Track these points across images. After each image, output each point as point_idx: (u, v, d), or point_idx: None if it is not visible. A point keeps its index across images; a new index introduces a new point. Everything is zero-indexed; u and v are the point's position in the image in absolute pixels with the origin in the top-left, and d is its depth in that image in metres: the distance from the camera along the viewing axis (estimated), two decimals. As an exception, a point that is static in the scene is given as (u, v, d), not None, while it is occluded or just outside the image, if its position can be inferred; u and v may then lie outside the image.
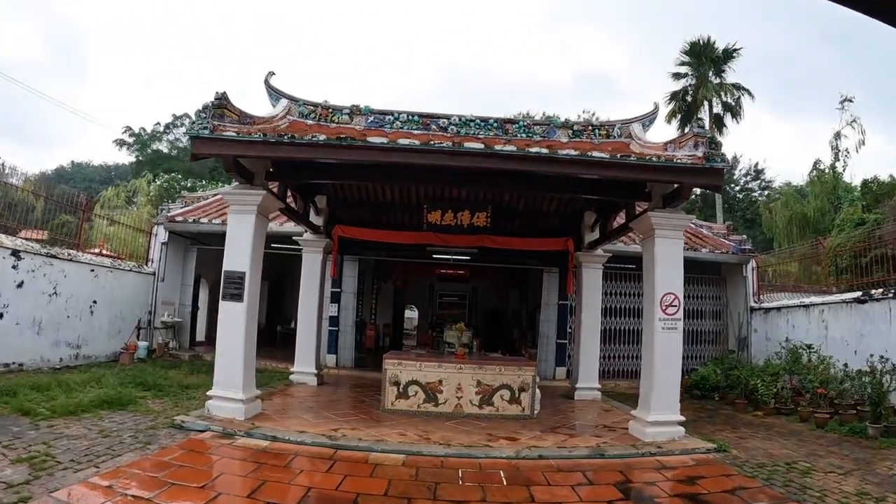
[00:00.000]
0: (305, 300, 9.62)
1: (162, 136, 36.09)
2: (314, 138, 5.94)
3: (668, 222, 6.73)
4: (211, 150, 6.38)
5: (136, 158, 35.21)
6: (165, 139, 36.28)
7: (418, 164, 5.89)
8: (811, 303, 11.41)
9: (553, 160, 5.78)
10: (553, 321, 12.04)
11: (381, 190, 9.63)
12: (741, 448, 6.68)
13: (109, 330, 11.76)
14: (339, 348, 11.77)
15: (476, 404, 7.05)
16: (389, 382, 7.09)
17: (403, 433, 6.03)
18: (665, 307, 6.59)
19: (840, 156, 22.38)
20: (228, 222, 6.91)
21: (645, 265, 7.07)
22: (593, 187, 7.29)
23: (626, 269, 12.31)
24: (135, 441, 5.63)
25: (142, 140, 35.17)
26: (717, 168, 6.30)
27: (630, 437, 6.57)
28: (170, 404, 7.57)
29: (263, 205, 6.76)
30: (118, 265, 12.35)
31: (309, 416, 6.78)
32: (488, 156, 5.67)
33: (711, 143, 6.43)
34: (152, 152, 34.94)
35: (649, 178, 6.44)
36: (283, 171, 7.19)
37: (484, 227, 9.57)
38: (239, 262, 6.59)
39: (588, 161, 5.90)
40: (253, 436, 5.82)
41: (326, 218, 9.80)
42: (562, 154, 5.78)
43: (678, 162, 6.44)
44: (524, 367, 7.31)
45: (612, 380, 11.59)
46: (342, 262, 11.89)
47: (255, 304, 6.73)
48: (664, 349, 6.53)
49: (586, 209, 9.81)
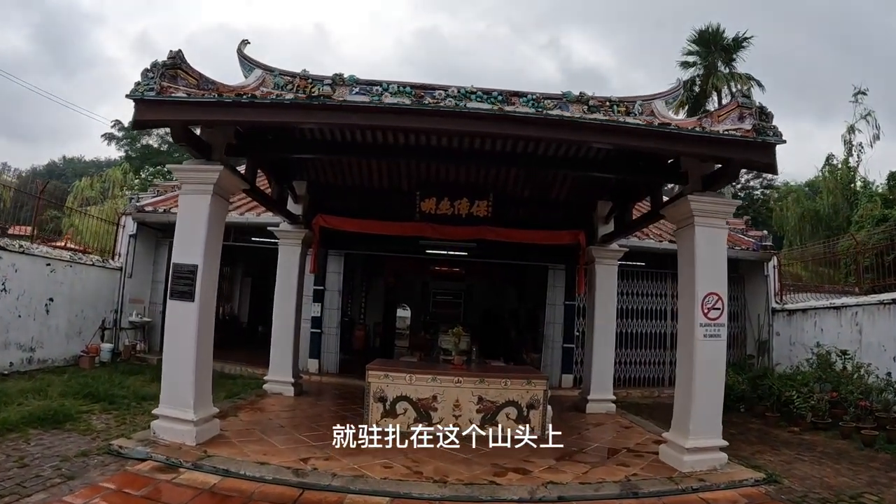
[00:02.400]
0: (281, 299, 8.45)
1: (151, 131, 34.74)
2: (279, 98, 4.79)
3: (710, 208, 5.62)
4: (157, 114, 5.22)
5: (126, 153, 33.92)
6: (155, 133, 34.83)
7: (410, 128, 4.74)
8: (843, 304, 10.38)
9: (578, 125, 4.66)
10: (559, 323, 10.92)
11: (367, 173, 8.47)
12: (792, 476, 5.65)
13: (68, 331, 10.60)
14: (322, 352, 10.59)
15: (477, 424, 5.89)
16: (374, 398, 5.92)
17: (389, 464, 4.88)
18: (707, 310, 5.48)
19: (853, 150, 21.39)
20: (179, 204, 5.76)
21: (681, 260, 5.96)
22: (618, 166, 6.20)
23: (637, 266, 11.24)
24: (55, 474, 4.52)
25: (131, 135, 33.84)
26: (771, 143, 5.21)
27: (663, 465, 5.46)
28: (117, 421, 6.45)
29: (222, 184, 5.59)
30: (79, 259, 11.15)
31: (277, 438, 5.61)
32: (497, 119, 4.54)
33: (762, 114, 5.35)
34: (142, 147, 33.64)
35: (692, 151, 5.33)
36: (248, 145, 6.02)
37: (485, 217, 8.43)
38: (190, 252, 5.42)
39: (620, 128, 4.81)
40: (202, 468, 4.67)
41: (306, 206, 8.63)
42: (588, 119, 4.65)
43: (726, 133, 5.36)
44: (534, 381, 6.16)
45: (623, 388, 10.48)
46: (326, 257, 10.75)
47: (210, 303, 5.56)
48: (705, 361, 5.41)
49: (600, 198, 8.71)
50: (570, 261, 10.72)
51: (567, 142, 4.92)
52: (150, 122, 5.34)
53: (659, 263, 11.45)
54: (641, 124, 4.87)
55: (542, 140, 4.92)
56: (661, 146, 5.15)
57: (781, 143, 5.27)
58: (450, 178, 8.35)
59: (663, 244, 11.14)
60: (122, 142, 34.54)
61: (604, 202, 8.69)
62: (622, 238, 8.67)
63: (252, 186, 6.43)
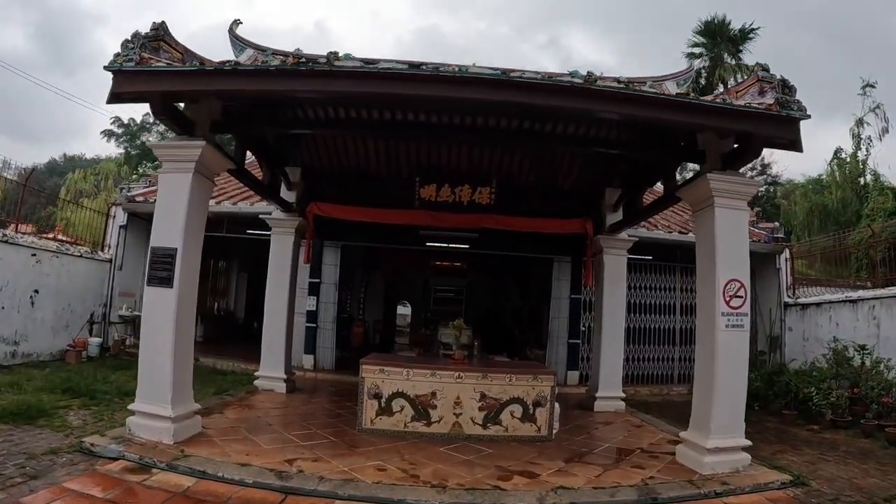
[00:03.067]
0: (273, 291, 8.02)
1: (151, 128, 34.25)
2: (265, 65, 4.37)
3: (730, 187, 5.18)
4: (136, 86, 4.82)
5: (126, 150, 33.52)
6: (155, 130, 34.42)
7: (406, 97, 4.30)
8: (859, 297, 9.96)
9: (592, 94, 4.22)
10: (564, 318, 10.46)
11: (363, 158, 8.03)
12: (819, 478, 5.24)
13: (55, 324, 10.21)
14: (317, 348, 10.14)
15: (479, 423, 5.46)
16: (368, 395, 5.48)
17: (383, 466, 4.44)
18: (729, 298, 5.04)
19: (862, 144, 20.94)
20: (159, 184, 5.34)
21: (699, 245, 5.54)
22: (630, 144, 5.76)
23: (644, 259, 10.79)
24: (18, 473, 4.15)
25: (131, 131, 33.47)
26: (795, 118, 4.82)
27: (681, 467, 5.03)
28: (95, 418, 6.06)
29: (205, 162, 5.17)
30: (66, 250, 10.75)
31: (263, 437, 5.18)
32: (501, 85, 4.10)
33: (784, 87, 4.98)
34: (142, 143, 33.24)
35: (712, 125, 4.89)
36: (234, 120, 5.58)
37: (487, 205, 7.99)
38: (169, 235, 4.99)
39: (634, 97, 4.38)
40: (177, 469, 4.25)
41: (300, 193, 8.20)
42: (603, 86, 4.21)
43: (749, 106, 4.94)
44: (541, 376, 5.71)
45: (631, 385, 10.03)
46: (322, 248, 10.32)
47: (190, 290, 5.13)
48: (728, 353, 4.98)
49: (608, 185, 8.28)
50: (576, 252, 10.30)
51: (577, 112, 4.47)
52: (128, 94, 4.89)
53: (666, 256, 11.03)
54: (657, 92, 4.43)
55: (550, 111, 4.47)
56: (678, 118, 4.72)
57: (806, 117, 4.90)
58: (451, 163, 7.92)
59: (672, 235, 10.70)
60: (122, 138, 34.26)
61: (612, 190, 8.25)
62: (632, 226, 8.24)
63: (239, 168, 6.00)
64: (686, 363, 11.17)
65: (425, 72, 4.06)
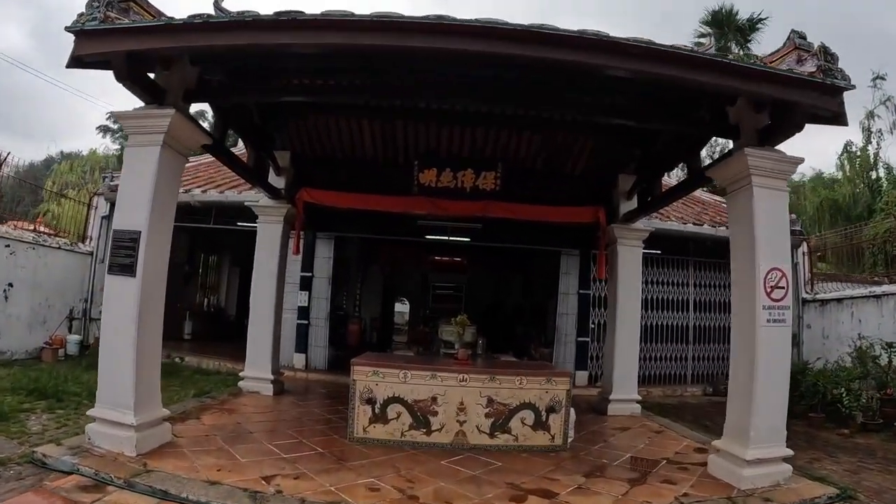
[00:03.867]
0: (260, 284, 7.39)
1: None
2: (240, 15, 3.75)
3: (770, 165, 4.58)
4: (97, 47, 4.25)
5: (121, 146, 32.76)
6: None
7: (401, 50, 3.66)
8: (884, 292, 9.45)
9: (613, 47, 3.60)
10: (572, 315, 9.84)
11: (357, 137, 7.39)
12: (866, 490, 4.72)
13: (31, 320, 9.64)
14: (309, 346, 9.52)
15: (486, 431, 4.82)
16: (361, 400, 4.83)
17: (376, 485, 3.81)
18: (770, 289, 4.43)
19: (872, 137, 20.40)
20: (124, 160, 4.71)
21: (733, 231, 4.93)
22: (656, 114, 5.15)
23: (653, 253, 10.16)
24: (-52, 489, 3.54)
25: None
26: (840, 88, 4.28)
27: (717, 481, 4.42)
28: (58, 423, 5.49)
29: (175, 133, 4.53)
30: (43, 241, 10.13)
31: (240, 448, 4.54)
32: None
33: (826, 54, 4.45)
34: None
35: (750, 91, 4.30)
36: (211, 90, 4.95)
37: (492, 191, 7.38)
38: (132, 216, 4.36)
39: (658, 52, 3.77)
40: (135, 487, 3.63)
41: (290, 180, 7.56)
42: (615, 37, 3.60)
43: (792, 71, 4.36)
44: (554, 379, 5.06)
45: (643, 386, 9.28)
46: (314, 241, 9.69)
47: (156, 280, 4.50)
48: (769, 352, 4.37)
49: (621, 171, 7.67)
50: (584, 245, 9.70)
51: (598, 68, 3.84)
52: (89, 56, 4.28)
53: (678, 249, 10.42)
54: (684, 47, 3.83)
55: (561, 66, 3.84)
56: (709, 80, 4.10)
57: (850, 87, 4.34)
58: (453, 145, 7.29)
59: (687, 227, 10.08)
60: (118, 134, 33.44)
61: (626, 176, 7.64)
62: (648, 215, 7.62)
63: (217, 145, 5.37)
64: (700, 362, 10.60)
65: (424, 20, 3.43)
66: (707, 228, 10.24)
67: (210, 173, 11.24)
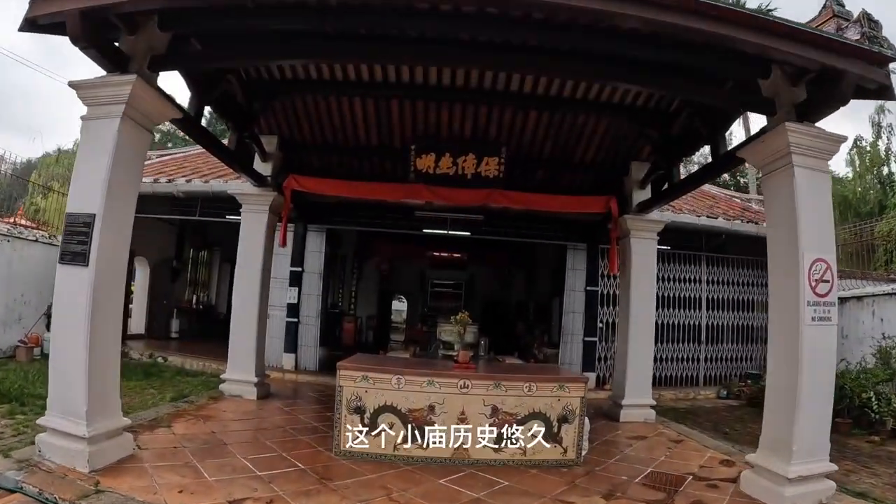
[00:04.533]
0: (243, 279, 6.82)
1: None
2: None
3: (812, 143, 4.05)
4: (52, 5, 3.71)
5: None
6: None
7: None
8: (908, 289, 8.92)
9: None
10: (579, 313, 9.28)
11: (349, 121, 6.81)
12: (910, 507, 4.20)
13: (6, 317, 9.15)
14: (298, 346, 8.95)
15: (490, 445, 4.26)
16: (348, 409, 4.24)
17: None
18: (815, 283, 3.88)
19: (883, 132, 19.94)
20: (80, 134, 4.14)
21: (770, 218, 4.39)
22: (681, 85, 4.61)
23: (662, 248, 9.60)
24: None
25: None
26: (887, 57, 3.81)
27: (752, 501, 3.89)
28: (14, 430, 4.97)
29: (138, 104, 3.97)
30: (19, 234, 9.58)
31: (210, 464, 3.98)
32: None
33: (870, 21, 3.93)
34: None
35: (790, 54, 3.74)
36: (182, 56, 4.39)
37: (495, 178, 6.81)
38: (86, 198, 3.80)
39: (705, 4, 3.22)
40: (80, 513, 3.08)
41: (277, 166, 7.00)
42: None
43: (840, 34, 3.84)
44: (567, 385, 4.46)
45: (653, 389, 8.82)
46: (305, 233, 9.13)
47: (114, 270, 3.92)
48: (815, 355, 3.81)
49: (634, 158, 7.13)
50: (592, 239, 9.16)
51: (614, 16, 3.31)
52: (43, 17, 3.76)
53: (690, 244, 9.86)
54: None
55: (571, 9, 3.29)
56: (755, 40, 3.57)
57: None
58: (452, 128, 6.72)
59: (702, 220, 9.52)
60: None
61: (638, 164, 7.09)
62: (663, 204, 7.06)
63: (190, 119, 4.80)
64: (713, 363, 10.06)
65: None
66: (722, 222, 9.68)
67: (197, 164, 10.70)
